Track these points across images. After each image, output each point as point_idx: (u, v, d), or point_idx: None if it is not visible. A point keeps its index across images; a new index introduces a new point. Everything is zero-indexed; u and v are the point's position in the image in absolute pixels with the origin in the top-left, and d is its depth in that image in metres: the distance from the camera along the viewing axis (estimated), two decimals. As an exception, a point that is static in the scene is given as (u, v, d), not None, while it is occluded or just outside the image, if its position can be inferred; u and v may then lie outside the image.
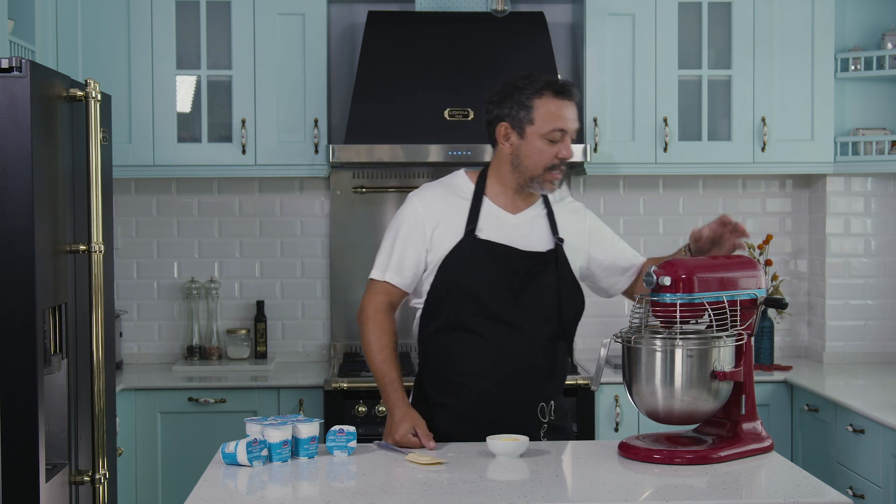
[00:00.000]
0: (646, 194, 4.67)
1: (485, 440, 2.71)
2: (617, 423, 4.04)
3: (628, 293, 3.09)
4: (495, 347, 2.83)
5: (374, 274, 2.94)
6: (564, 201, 3.03)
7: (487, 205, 2.90)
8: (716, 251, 2.85)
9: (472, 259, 2.84)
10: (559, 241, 2.91)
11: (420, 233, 2.88)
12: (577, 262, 2.96)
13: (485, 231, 2.87)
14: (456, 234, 2.86)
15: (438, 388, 2.90)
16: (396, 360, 2.88)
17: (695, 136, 4.35)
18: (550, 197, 2.98)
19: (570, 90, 2.86)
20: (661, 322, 2.63)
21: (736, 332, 2.62)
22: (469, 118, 4.11)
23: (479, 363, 2.83)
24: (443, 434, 2.83)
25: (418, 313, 2.95)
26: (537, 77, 2.86)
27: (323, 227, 4.60)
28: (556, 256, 2.90)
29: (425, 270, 2.89)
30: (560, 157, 2.84)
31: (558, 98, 2.83)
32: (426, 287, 2.90)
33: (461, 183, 2.95)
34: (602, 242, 3.02)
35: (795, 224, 4.70)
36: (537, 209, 2.95)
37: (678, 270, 2.58)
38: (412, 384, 3.01)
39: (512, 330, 2.84)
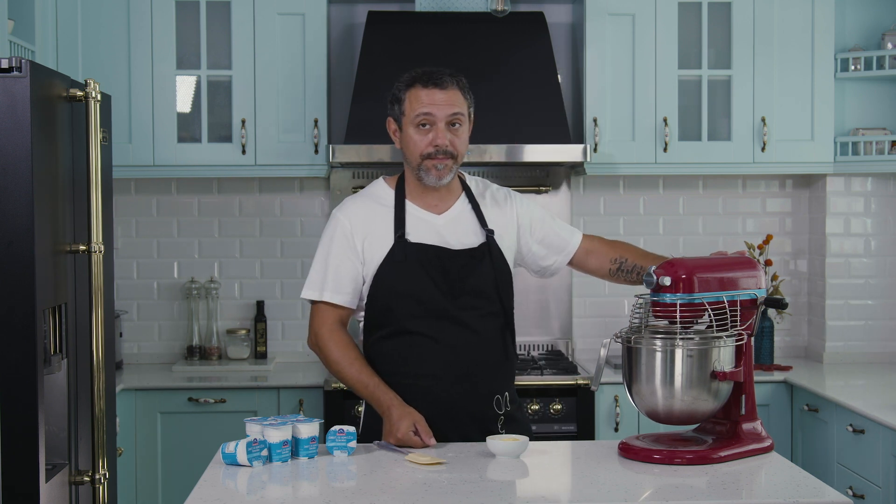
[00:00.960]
0: (646, 194, 4.67)
1: (448, 439, 2.74)
2: (617, 423, 4.04)
3: (577, 267, 3.08)
4: (444, 346, 2.82)
5: (311, 294, 2.89)
6: (489, 191, 3.01)
7: (411, 208, 2.90)
8: None
9: (406, 263, 2.83)
10: (489, 234, 2.91)
11: (351, 247, 2.87)
12: (509, 250, 2.96)
13: (414, 234, 2.86)
14: (386, 241, 2.85)
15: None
16: (368, 366, 2.86)
17: (695, 136, 4.35)
18: (473, 190, 2.98)
19: (441, 78, 2.84)
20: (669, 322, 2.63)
21: (736, 332, 2.62)
22: (469, 118, 4.11)
23: (431, 364, 2.82)
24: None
25: (360, 325, 2.94)
26: (415, 70, 2.89)
27: (323, 227, 4.59)
28: (490, 249, 2.90)
29: (364, 283, 2.89)
30: (435, 145, 2.82)
31: (427, 87, 2.84)
32: (364, 299, 2.89)
33: (381, 191, 2.95)
34: (531, 225, 3.01)
35: (795, 224, 4.70)
36: (461, 206, 2.94)
37: (678, 270, 2.58)
38: None
39: (458, 327, 2.83)
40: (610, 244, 3.08)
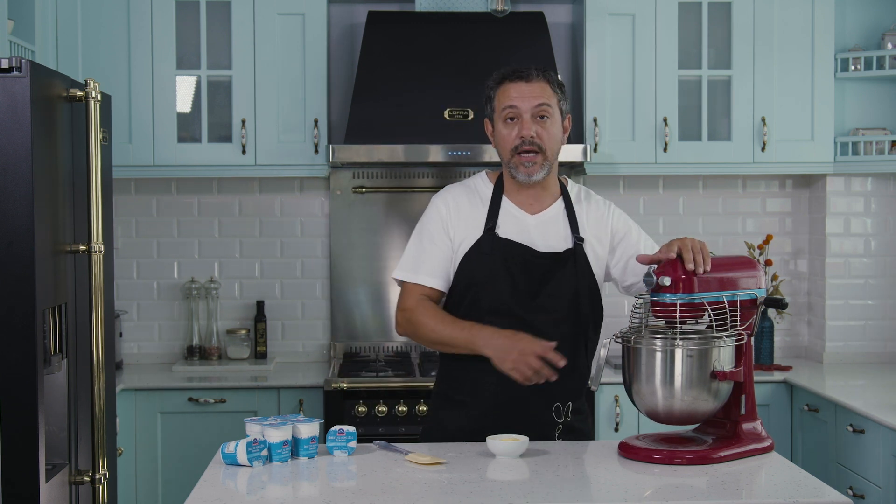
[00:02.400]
0: (646, 194, 4.67)
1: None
2: (617, 423, 4.04)
3: None
4: None
5: (404, 276, 2.92)
6: (588, 199, 3.00)
7: (507, 204, 2.92)
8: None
9: (490, 256, 2.85)
10: (578, 241, 2.90)
11: (444, 232, 2.90)
12: (598, 261, 2.94)
13: (503, 229, 2.89)
14: (475, 232, 2.88)
15: (456, 387, 2.91)
16: (460, 320, 2.85)
17: (695, 136, 4.35)
18: (573, 196, 2.97)
19: (527, 71, 2.86)
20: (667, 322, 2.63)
21: (736, 332, 2.62)
22: (469, 118, 4.11)
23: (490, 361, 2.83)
24: (460, 432, 2.83)
25: None
26: (502, 69, 2.91)
27: (323, 227, 4.60)
28: (575, 256, 2.89)
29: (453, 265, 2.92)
30: (521, 137, 2.83)
31: (513, 81, 2.86)
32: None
33: (480, 184, 2.98)
34: (625, 242, 2.97)
35: (795, 224, 4.70)
36: (557, 209, 2.94)
37: (678, 270, 2.58)
38: (433, 383, 3.02)
39: (526, 328, 2.82)
40: None
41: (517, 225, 2.89)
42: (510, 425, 2.78)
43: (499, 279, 2.84)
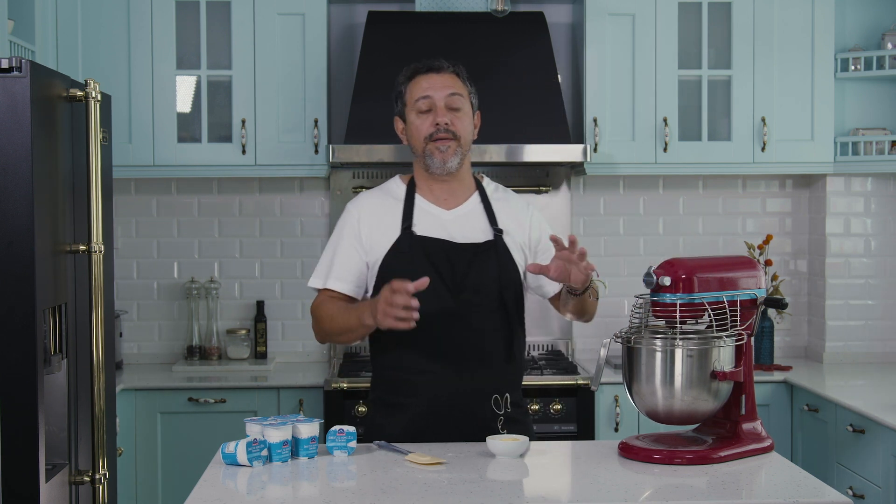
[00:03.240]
0: (646, 194, 4.67)
1: (446, 437, 2.75)
2: (617, 423, 4.04)
3: (554, 303, 3.01)
4: (440, 341, 2.82)
5: (315, 283, 2.94)
6: (506, 196, 3.02)
7: (421, 202, 2.92)
8: (572, 276, 2.69)
9: (410, 255, 2.85)
10: (498, 233, 2.91)
11: (356, 237, 2.90)
12: (519, 254, 2.94)
13: (420, 227, 2.88)
14: (393, 233, 2.88)
15: (390, 390, 2.90)
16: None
17: (695, 136, 4.35)
18: (489, 192, 2.98)
19: (436, 63, 2.93)
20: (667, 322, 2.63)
21: (736, 332, 2.62)
22: (469, 118, 4.11)
23: (425, 359, 2.83)
24: (401, 434, 2.82)
25: None
26: (412, 64, 2.97)
27: (323, 227, 4.60)
28: (496, 247, 2.89)
29: (368, 271, 2.90)
30: (435, 124, 2.86)
31: (424, 74, 2.93)
32: (371, 291, 2.91)
33: (394, 186, 2.99)
34: (540, 241, 2.97)
35: (795, 224, 4.70)
36: (473, 203, 2.95)
37: (678, 270, 2.58)
38: (368, 388, 3.01)
39: (456, 322, 2.83)
40: None
41: (434, 222, 2.90)
42: (451, 423, 2.80)
43: (423, 275, 2.79)
